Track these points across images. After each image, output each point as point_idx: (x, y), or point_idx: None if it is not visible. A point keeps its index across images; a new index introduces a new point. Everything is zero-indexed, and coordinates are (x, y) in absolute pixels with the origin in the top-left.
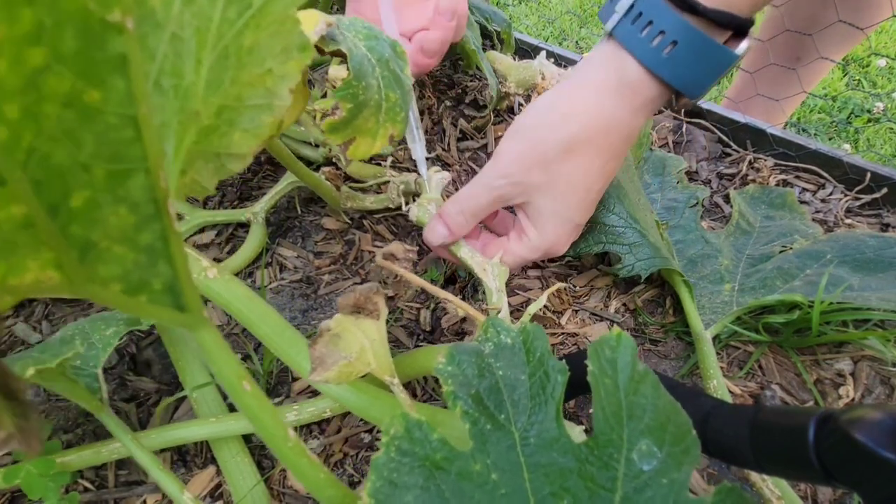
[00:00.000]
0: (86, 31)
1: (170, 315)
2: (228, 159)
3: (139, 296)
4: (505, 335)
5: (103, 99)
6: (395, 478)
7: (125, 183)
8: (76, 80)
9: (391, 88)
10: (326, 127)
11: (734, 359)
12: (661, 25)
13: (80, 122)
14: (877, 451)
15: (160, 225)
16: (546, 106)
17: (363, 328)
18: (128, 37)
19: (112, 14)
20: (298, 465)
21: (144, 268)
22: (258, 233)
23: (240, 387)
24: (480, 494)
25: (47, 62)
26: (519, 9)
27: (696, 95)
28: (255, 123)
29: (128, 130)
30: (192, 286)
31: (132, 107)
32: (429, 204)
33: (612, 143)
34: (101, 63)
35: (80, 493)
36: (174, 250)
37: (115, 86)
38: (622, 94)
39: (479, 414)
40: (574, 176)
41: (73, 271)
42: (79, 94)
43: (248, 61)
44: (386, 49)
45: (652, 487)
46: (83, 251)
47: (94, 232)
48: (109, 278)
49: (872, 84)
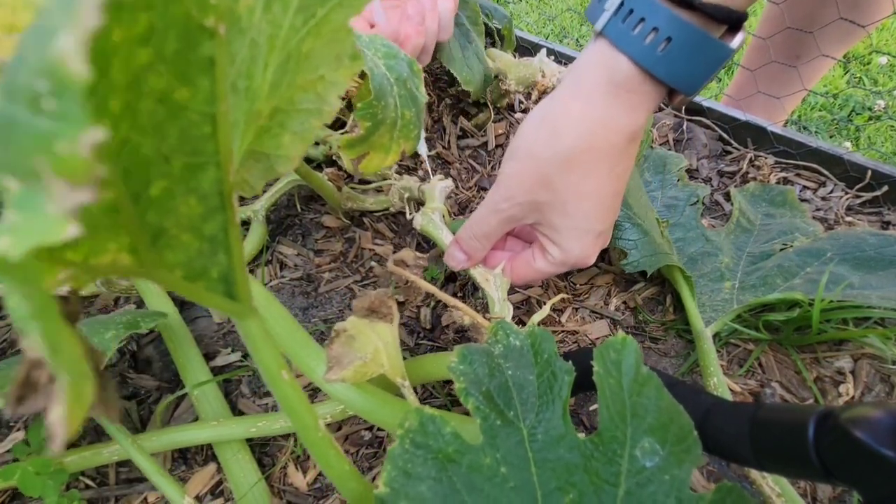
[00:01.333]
0: (185, 34)
1: (222, 303)
2: (277, 160)
3: (198, 282)
4: (514, 337)
5: (191, 97)
6: (409, 468)
7: (198, 175)
8: (171, 78)
9: (407, 107)
10: (343, 143)
11: (734, 357)
12: (655, 22)
13: (167, 117)
14: (877, 449)
15: (224, 217)
16: (538, 121)
17: (377, 330)
18: (218, 41)
19: (208, 19)
20: (326, 455)
21: (206, 256)
22: (258, 230)
23: (279, 376)
24: (490, 487)
25: (151, 61)
26: (519, 6)
27: (691, 92)
28: (303, 127)
29: (206, 127)
30: (244, 277)
31: (213, 105)
32: (433, 213)
33: (615, 146)
34: (194, 64)
35: (80, 490)
36: (233, 242)
37: (202, 85)
38: (616, 96)
39: (489, 410)
40: (582, 187)
41: (145, 255)
42: (171, 92)
43: (305, 67)
44: (404, 68)
45: (654, 483)
46: (155, 237)
47: (167, 219)
48: (174, 264)
49: (873, 82)
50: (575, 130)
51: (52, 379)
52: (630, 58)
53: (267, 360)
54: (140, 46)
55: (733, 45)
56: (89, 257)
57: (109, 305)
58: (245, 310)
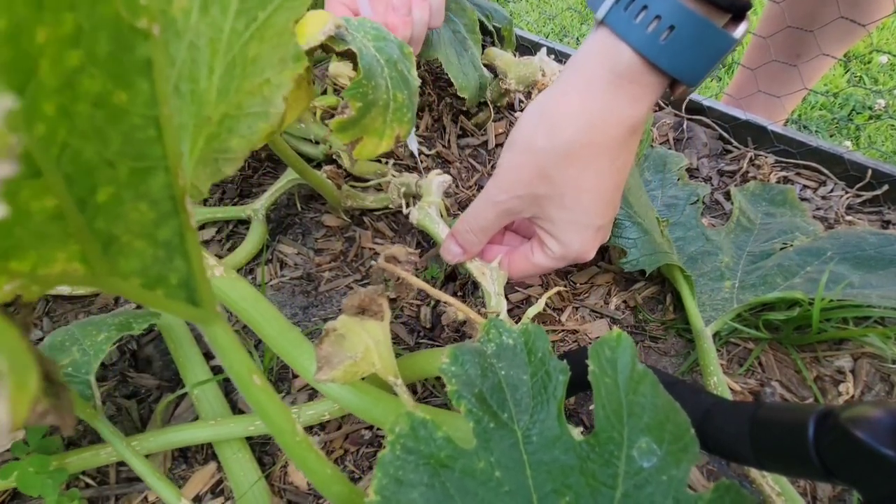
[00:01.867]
0: (117, 35)
1: (184, 309)
2: (224, 163)
3: (156, 290)
4: (507, 336)
5: (130, 100)
6: (400, 475)
7: (146, 180)
8: (107, 81)
9: (399, 89)
10: (335, 126)
11: (734, 356)
12: (657, 10)
13: (108, 121)
14: (876, 448)
15: (177, 221)
16: (537, 113)
17: (368, 329)
18: (153, 42)
19: (140, 21)
20: (306, 459)
21: (162, 262)
22: (259, 230)
23: (250, 381)
24: (484, 491)
25: (83, 64)
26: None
27: (693, 83)
28: (251, 130)
29: (150, 130)
30: (205, 282)
31: (155, 108)
32: (429, 207)
33: (616, 139)
34: (129, 66)
35: (81, 489)
36: (190, 246)
37: (141, 88)
38: (618, 87)
39: (482, 413)
40: (581, 181)
41: (97, 264)
42: (108, 95)
43: (251, 71)
44: (394, 50)
45: (652, 484)
46: (106, 245)
47: (117, 226)
48: (130, 272)
49: (874, 81)
50: (574, 123)
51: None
52: (632, 47)
53: (236, 365)
54: (69, 48)
55: (737, 35)
56: (37, 267)
57: (110, 304)
58: (209, 315)
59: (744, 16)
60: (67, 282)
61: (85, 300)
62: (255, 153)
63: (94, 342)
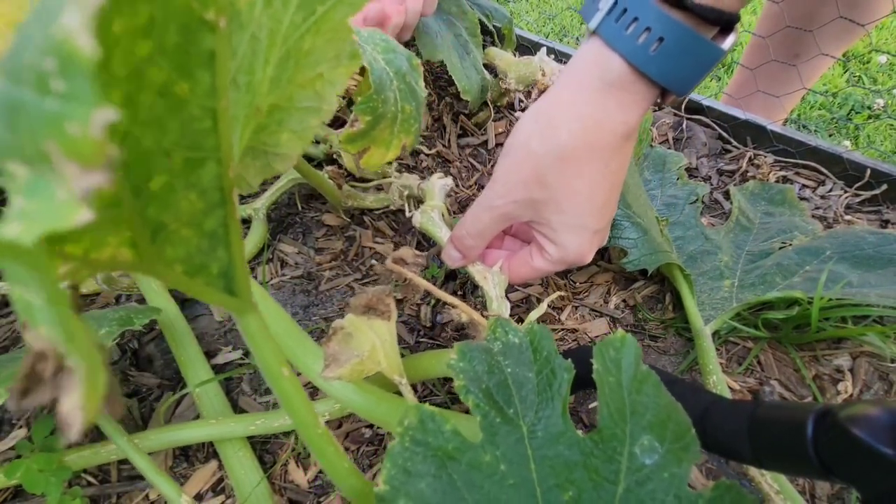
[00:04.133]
0: (186, 27)
1: (222, 298)
2: (275, 158)
3: (197, 278)
4: (513, 335)
5: (191, 91)
6: (409, 466)
7: (198, 170)
8: (171, 71)
9: (407, 101)
10: (344, 138)
11: (733, 355)
12: (647, 22)
13: (168, 111)
14: (875, 447)
15: (224, 212)
16: (533, 118)
17: (374, 328)
18: (219, 35)
19: (209, 13)
20: (326, 452)
21: (206, 252)
22: (259, 229)
23: (279, 372)
24: (489, 484)
25: (151, 54)
26: (519, 5)
27: (683, 93)
28: (302, 125)
29: (207, 121)
30: (244, 272)
31: (214, 100)
32: (431, 210)
33: (609, 143)
34: (194, 57)
35: (82, 487)
36: (233, 237)
37: (202, 79)
38: (609, 95)
39: (489, 408)
40: (576, 184)
41: (145, 250)
42: (171, 85)
43: (304, 64)
44: (403, 62)
45: (653, 481)
46: (155, 232)
47: (167, 214)
48: (174, 259)
49: (873, 80)
50: (568, 127)
51: (59, 370)
52: (622, 57)
53: (267, 356)
54: (141, 38)
55: (724, 47)
56: (90, 251)
57: (111, 303)
58: (245, 305)
59: (732, 28)
60: (115, 266)
61: (86, 299)
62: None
63: None
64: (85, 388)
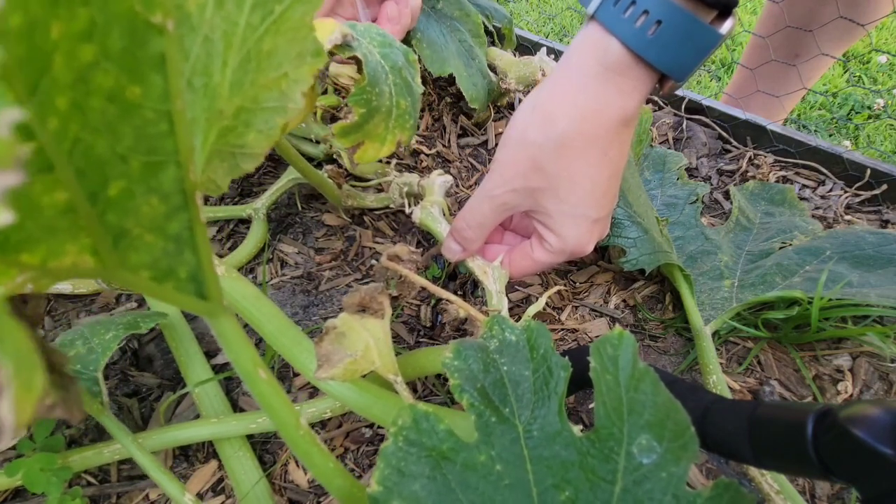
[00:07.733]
0: (131, 30)
1: (193, 303)
2: (242, 158)
3: (166, 283)
4: (509, 332)
5: (143, 94)
6: (402, 466)
7: (158, 174)
8: (120, 76)
9: (402, 96)
10: (337, 130)
11: (733, 355)
12: (645, 5)
13: (120, 116)
14: (875, 447)
15: (188, 215)
16: (530, 107)
17: (368, 327)
18: (168, 37)
19: (155, 16)
20: (309, 453)
21: (172, 256)
22: (259, 229)
23: (256, 375)
24: (485, 485)
25: (96, 59)
26: (519, 5)
27: (681, 78)
28: (268, 125)
29: (163, 125)
30: (214, 276)
31: (168, 103)
32: (431, 206)
33: (608, 130)
34: (143, 61)
35: (83, 487)
36: (199, 240)
37: (154, 82)
38: (607, 80)
39: (484, 407)
40: (574, 172)
41: (107, 257)
42: (121, 90)
43: (267, 65)
44: (399, 57)
45: (651, 480)
46: (117, 238)
47: (128, 220)
48: (139, 265)
49: (873, 80)
50: (566, 114)
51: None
52: (620, 41)
53: (242, 359)
54: (82, 43)
55: (723, 31)
56: (48, 260)
57: (111, 303)
58: (216, 308)
59: (730, 12)
60: (78, 274)
61: (86, 299)
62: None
63: (103, 340)
64: (15, 391)
